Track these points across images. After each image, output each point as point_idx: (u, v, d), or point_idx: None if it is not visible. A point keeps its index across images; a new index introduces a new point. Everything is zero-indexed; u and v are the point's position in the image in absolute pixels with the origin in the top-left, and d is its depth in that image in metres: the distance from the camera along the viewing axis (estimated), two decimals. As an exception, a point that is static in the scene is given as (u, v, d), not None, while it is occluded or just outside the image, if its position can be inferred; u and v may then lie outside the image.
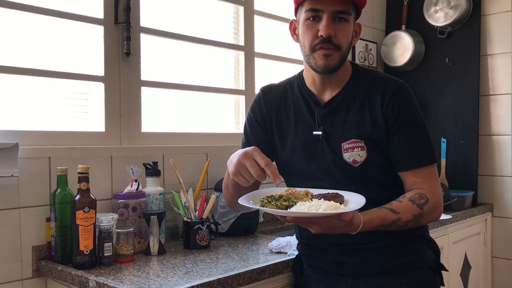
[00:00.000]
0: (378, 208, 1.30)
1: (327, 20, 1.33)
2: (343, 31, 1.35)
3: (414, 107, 1.40)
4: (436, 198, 1.37)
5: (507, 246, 2.74)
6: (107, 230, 1.51)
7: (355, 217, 1.21)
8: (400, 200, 1.34)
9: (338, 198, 1.25)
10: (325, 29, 1.32)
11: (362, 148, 1.38)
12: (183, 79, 2.13)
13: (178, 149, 1.98)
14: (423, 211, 1.32)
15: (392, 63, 3.01)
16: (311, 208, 1.15)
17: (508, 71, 2.69)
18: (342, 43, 1.35)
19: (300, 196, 1.26)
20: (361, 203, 1.18)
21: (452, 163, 2.80)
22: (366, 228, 1.25)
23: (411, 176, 1.38)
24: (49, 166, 1.62)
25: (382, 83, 1.41)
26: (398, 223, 1.29)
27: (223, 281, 1.35)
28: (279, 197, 1.24)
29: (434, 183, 1.39)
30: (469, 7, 2.75)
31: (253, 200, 1.27)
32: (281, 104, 1.51)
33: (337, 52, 1.36)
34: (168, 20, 2.07)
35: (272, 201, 1.23)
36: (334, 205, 1.17)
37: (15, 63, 1.63)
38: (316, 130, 1.43)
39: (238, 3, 2.34)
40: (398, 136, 1.37)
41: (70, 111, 1.79)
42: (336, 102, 1.42)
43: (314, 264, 1.49)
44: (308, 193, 1.28)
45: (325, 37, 1.33)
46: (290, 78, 1.56)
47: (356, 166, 1.38)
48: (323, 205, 1.16)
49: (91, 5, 1.80)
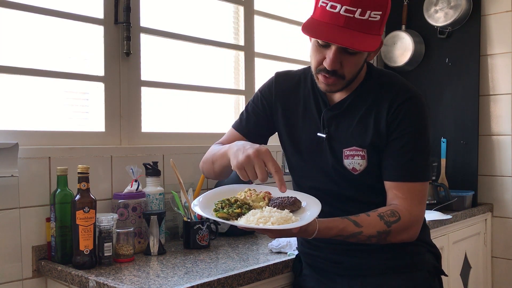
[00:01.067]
0: (341, 218, 1.27)
1: (334, 54, 1.23)
2: (352, 62, 1.27)
3: (419, 120, 1.33)
4: (411, 218, 1.30)
5: (507, 246, 2.74)
6: (107, 230, 1.51)
7: (310, 225, 1.19)
8: (368, 213, 1.29)
9: (294, 205, 1.23)
10: (330, 63, 1.24)
11: (363, 157, 1.34)
12: (183, 79, 2.13)
13: (178, 149, 1.98)
14: (390, 229, 1.27)
15: (392, 63, 3.01)
16: (260, 220, 1.14)
17: (508, 71, 2.69)
18: (348, 73, 1.28)
19: (257, 199, 1.24)
20: (312, 216, 1.17)
21: (452, 163, 2.80)
22: (322, 236, 1.23)
23: (394, 189, 1.32)
24: (49, 166, 1.62)
25: (393, 90, 1.34)
26: (358, 236, 1.26)
27: (223, 281, 1.35)
28: (234, 202, 1.23)
29: (416, 202, 1.31)
30: (469, 7, 2.75)
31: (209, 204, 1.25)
32: (291, 95, 1.47)
33: (341, 80, 1.29)
34: (168, 20, 2.07)
35: (226, 206, 1.21)
36: (284, 218, 1.16)
37: (15, 63, 1.63)
38: (321, 131, 1.40)
39: (238, 3, 2.34)
40: (393, 144, 1.33)
41: (70, 111, 1.79)
42: (344, 105, 1.38)
43: (312, 263, 1.49)
44: (266, 196, 1.26)
45: (329, 70, 1.26)
46: (306, 69, 1.50)
47: (356, 174, 1.36)
48: (273, 217, 1.15)
49: (91, 5, 1.80)
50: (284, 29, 2.60)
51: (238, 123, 1.55)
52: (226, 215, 1.18)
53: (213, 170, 1.43)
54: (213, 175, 1.46)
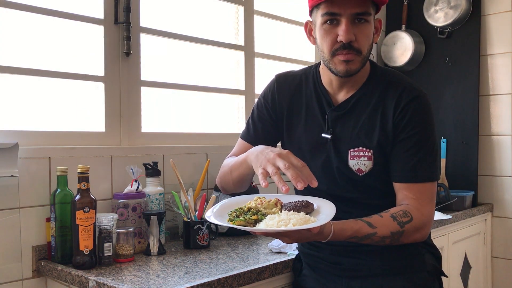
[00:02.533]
0: (354, 219, 1.26)
1: (346, 25, 1.24)
2: (364, 33, 1.27)
3: (426, 119, 1.33)
4: (423, 219, 1.30)
5: (507, 246, 2.74)
6: (107, 230, 1.51)
7: (325, 227, 1.19)
8: (381, 214, 1.29)
9: (308, 208, 1.23)
10: (345, 35, 1.24)
11: (369, 158, 1.34)
12: (183, 79, 2.13)
13: (178, 149, 1.98)
14: (404, 229, 1.27)
15: (392, 63, 3.01)
16: (280, 223, 1.13)
17: (508, 71, 2.69)
18: (363, 46, 1.28)
19: (269, 206, 1.24)
20: (330, 215, 1.16)
21: (452, 163, 2.80)
22: (337, 238, 1.22)
23: (404, 190, 1.32)
24: (49, 166, 1.62)
25: (399, 89, 1.34)
26: (373, 237, 1.26)
27: (223, 281, 1.35)
28: (248, 210, 1.22)
29: (426, 202, 1.31)
30: (469, 7, 2.75)
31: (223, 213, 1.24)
32: (294, 96, 1.46)
33: (358, 56, 1.28)
34: (168, 20, 2.07)
35: (241, 215, 1.20)
36: (304, 219, 1.15)
37: (15, 63, 1.63)
38: (325, 132, 1.39)
39: (238, 3, 2.34)
40: (402, 146, 1.32)
41: (70, 111, 1.79)
42: (349, 105, 1.37)
43: (312, 263, 1.49)
44: (278, 202, 1.25)
45: (345, 42, 1.25)
46: (306, 69, 1.50)
47: (361, 175, 1.35)
48: (293, 219, 1.14)
49: (91, 5, 1.80)
50: (284, 29, 2.60)
51: (246, 132, 1.53)
52: (243, 222, 1.17)
53: (231, 180, 1.42)
54: (232, 186, 1.45)
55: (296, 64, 2.59)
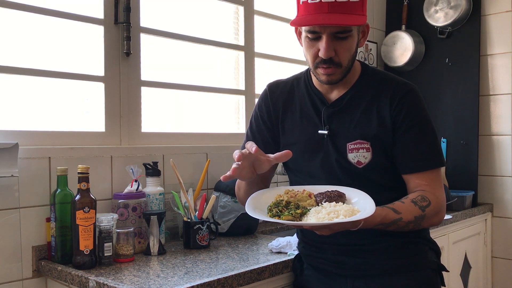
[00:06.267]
0: (380, 206, 1.28)
1: (326, 42, 1.29)
2: (344, 48, 1.32)
3: (422, 110, 1.39)
4: (439, 202, 1.35)
5: (507, 246, 2.74)
6: (107, 230, 1.51)
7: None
8: (402, 200, 1.33)
9: (342, 197, 1.26)
10: (325, 52, 1.29)
11: (368, 149, 1.37)
12: (183, 79, 2.13)
13: (178, 149, 1.98)
14: (425, 213, 1.31)
15: (392, 63, 3.01)
16: (331, 215, 1.16)
17: (508, 71, 2.69)
18: (344, 59, 1.33)
19: (303, 198, 1.26)
20: (371, 204, 1.19)
21: (452, 163, 2.80)
22: (367, 225, 1.24)
23: (415, 179, 1.37)
24: (49, 166, 1.62)
25: (392, 85, 1.39)
26: (398, 223, 1.29)
27: (223, 281, 1.35)
28: (286, 204, 1.24)
29: (438, 186, 1.37)
30: (469, 7, 2.75)
31: (257, 207, 1.25)
32: (287, 101, 1.50)
33: (339, 69, 1.34)
34: (168, 20, 2.07)
35: (283, 209, 1.22)
36: (349, 210, 1.17)
37: (15, 63, 1.63)
38: (322, 129, 1.41)
39: (238, 3, 2.34)
40: (405, 138, 1.36)
41: (70, 111, 1.79)
42: (343, 101, 1.41)
43: (315, 264, 1.49)
44: (310, 194, 1.28)
45: (325, 58, 1.31)
46: (297, 75, 1.55)
47: (360, 168, 1.37)
48: (341, 210, 1.17)
49: (91, 5, 1.80)
50: (284, 29, 2.60)
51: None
52: (291, 217, 1.19)
53: (242, 195, 1.48)
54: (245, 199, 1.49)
55: (296, 64, 2.59)
